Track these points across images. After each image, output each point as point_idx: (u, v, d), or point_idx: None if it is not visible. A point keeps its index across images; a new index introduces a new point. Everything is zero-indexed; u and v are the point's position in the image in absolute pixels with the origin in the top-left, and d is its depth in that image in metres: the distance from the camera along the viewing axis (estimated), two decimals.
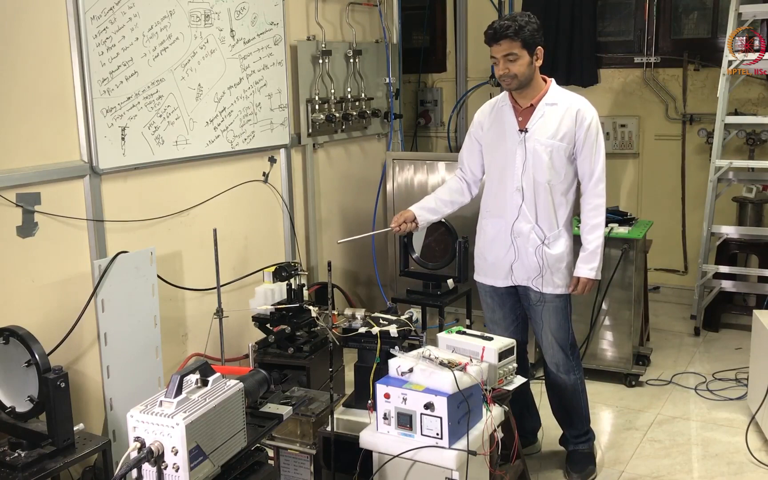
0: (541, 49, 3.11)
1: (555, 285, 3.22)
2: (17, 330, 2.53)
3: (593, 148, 3.13)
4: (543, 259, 3.20)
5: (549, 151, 3.13)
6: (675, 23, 5.72)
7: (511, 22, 3.04)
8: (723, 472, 3.45)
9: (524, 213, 3.19)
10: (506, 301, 3.38)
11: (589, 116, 3.13)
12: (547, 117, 3.14)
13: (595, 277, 3.19)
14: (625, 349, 4.29)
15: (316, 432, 2.92)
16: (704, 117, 5.53)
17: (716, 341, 5.00)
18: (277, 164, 4.41)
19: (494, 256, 3.31)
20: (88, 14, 3.21)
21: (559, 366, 3.34)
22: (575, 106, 3.14)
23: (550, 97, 3.16)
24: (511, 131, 3.20)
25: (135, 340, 3.39)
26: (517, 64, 3.05)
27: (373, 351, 2.90)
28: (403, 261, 3.88)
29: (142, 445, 2.00)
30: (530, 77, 3.11)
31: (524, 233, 3.20)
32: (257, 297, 3.62)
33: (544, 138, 3.13)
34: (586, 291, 3.22)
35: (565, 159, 3.14)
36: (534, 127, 3.14)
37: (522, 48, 3.04)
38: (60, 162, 3.20)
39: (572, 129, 3.12)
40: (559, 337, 3.29)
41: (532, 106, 3.16)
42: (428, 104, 6.53)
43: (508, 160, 3.20)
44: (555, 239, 3.19)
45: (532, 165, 3.15)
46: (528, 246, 3.20)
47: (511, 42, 3.03)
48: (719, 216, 5.22)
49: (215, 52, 3.88)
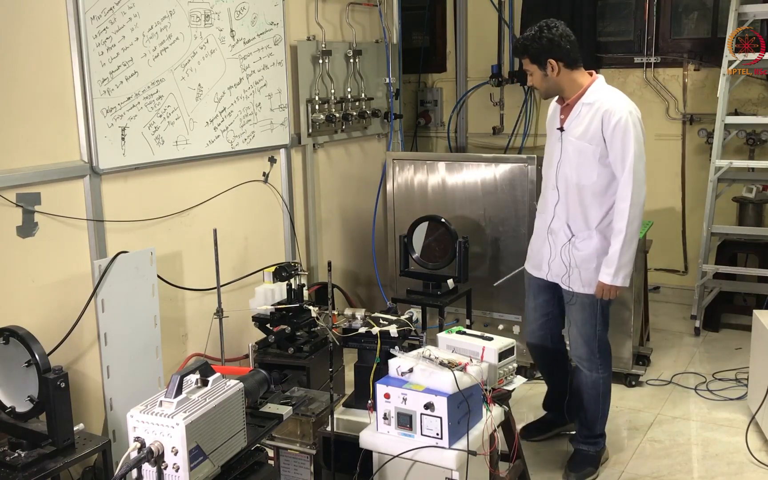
0: (554, 61, 3.12)
1: (582, 283, 3.25)
2: (17, 330, 2.53)
3: (619, 150, 3.06)
4: (570, 256, 3.24)
5: (578, 152, 3.15)
6: (675, 23, 5.72)
7: (519, 42, 3.21)
8: (723, 472, 3.45)
9: (558, 212, 3.28)
10: (541, 293, 3.46)
11: (617, 116, 3.05)
12: (581, 117, 3.15)
13: (611, 282, 3.13)
14: (625, 349, 4.29)
15: (316, 432, 2.92)
16: (704, 117, 5.53)
17: (716, 341, 5.00)
18: (277, 164, 4.41)
19: (535, 248, 3.45)
20: (88, 14, 3.21)
21: (582, 359, 3.35)
22: (605, 105, 3.09)
23: (589, 96, 3.15)
24: (554, 129, 3.29)
25: (135, 340, 3.39)
26: (533, 79, 3.21)
27: (373, 351, 2.90)
28: (403, 261, 3.88)
29: (142, 445, 2.00)
30: (555, 87, 3.19)
31: (555, 231, 3.30)
32: (257, 297, 3.62)
33: (574, 138, 3.17)
34: (604, 295, 3.19)
35: (594, 161, 3.12)
36: (570, 126, 3.19)
37: (531, 63, 3.16)
38: (60, 162, 3.20)
39: (599, 130, 3.08)
40: (584, 332, 3.30)
41: (569, 105, 3.20)
42: (428, 104, 6.53)
43: (550, 158, 3.31)
44: (584, 239, 3.22)
45: (565, 164, 3.21)
46: (557, 244, 3.28)
47: (523, 58, 3.20)
48: (719, 216, 5.22)
49: (215, 52, 3.88)
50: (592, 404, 3.38)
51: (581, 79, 3.18)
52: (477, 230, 4.42)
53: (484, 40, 6.25)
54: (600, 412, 3.41)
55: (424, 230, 3.93)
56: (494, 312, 4.46)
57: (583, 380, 3.37)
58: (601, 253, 3.20)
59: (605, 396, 3.40)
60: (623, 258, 3.12)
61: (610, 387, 3.42)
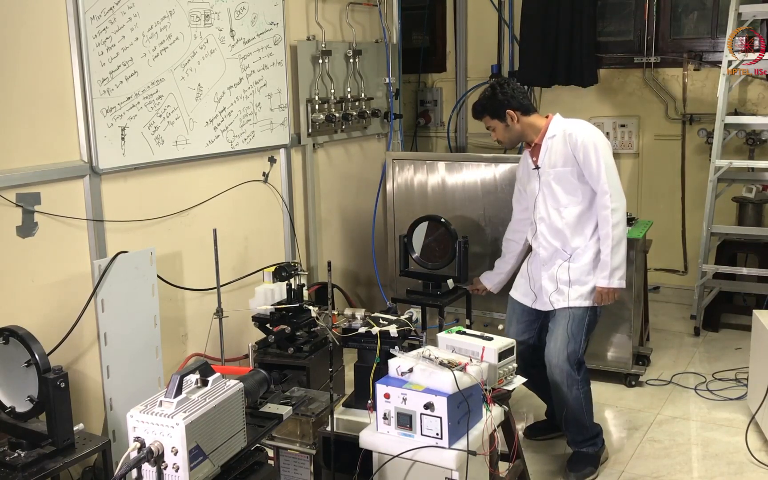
0: (512, 111, 3.37)
1: (581, 296, 3.35)
2: (17, 330, 2.53)
3: (591, 166, 3.27)
4: (568, 275, 3.36)
5: (558, 179, 3.35)
6: (675, 23, 5.72)
7: (477, 104, 3.45)
8: (723, 472, 3.45)
9: (546, 240, 3.41)
10: (523, 318, 3.55)
11: (581, 136, 3.29)
12: (551, 149, 3.36)
13: (608, 284, 3.29)
14: (625, 349, 4.29)
15: (316, 432, 2.91)
16: (704, 117, 5.53)
17: (716, 341, 5.00)
18: (277, 164, 4.41)
19: (523, 276, 3.58)
20: (88, 14, 3.21)
21: (563, 379, 3.33)
22: (568, 130, 3.33)
23: (551, 130, 3.38)
24: (529, 170, 3.48)
25: (135, 340, 3.39)
26: (496, 133, 3.46)
27: (373, 351, 2.90)
28: (403, 261, 3.88)
29: (142, 445, 2.00)
30: (517, 135, 3.43)
31: (547, 259, 3.42)
32: (257, 297, 3.62)
33: (552, 169, 3.36)
34: (604, 300, 3.34)
35: (576, 181, 3.33)
36: (543, 161, 3.39)
37: (492, 119, 3.42)
38: (60, 162, 3.20)
39: (570, 153, 3.31)
40: (569, 347, 3.32)
41: (537, 145, 3.41)
42: (428, 104, 6.53)
43: (531, 196, 3.49)
44: (576, 255, 3.36)
45: (547, 195, 3.39)
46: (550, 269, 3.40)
47: (483, 118, 3.45)
48: (719, 216, 5.22)
49: (215, 52, 3.88)
50: (578, 415, 3.40)
51: (539, 122, 3.42)
52: (477, 230, 4.42)
53: (484, 40, 6.24)
54: (587, 417, 3.43)
55: (424, 230, 3.92)
56: (494, 312, 4.46)
57: (562, 396, 3.38)
58: (591, 265, 3.35)
59: (587, 402, 3.42)
60: (615, 260, 3.29)
61: (589, 392, 3.44)
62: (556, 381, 3.36)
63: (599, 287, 3.31)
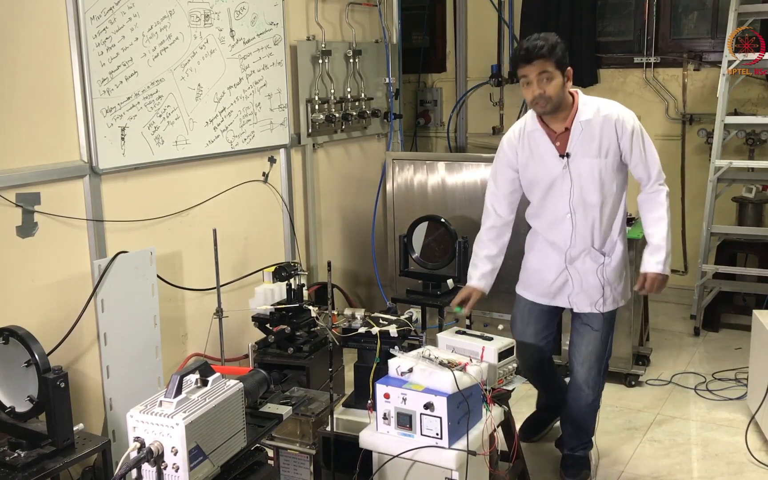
0: (571, 69, 2.99)
1: (614, 301, 3.17)
2: (17, 330, 2.53)
3: (643, 153, 3.02)
4: (603, 277, 3.12)
5: (598, 171, 3.02)
6: (675, 23, 5.72)
7: (544, 42, 2.91)
8: (723, 472, 3.45)
9: (578, 239, 3.11)
10: (542, 318, 3.31)
11: (630, 122, 3.01)
12: (586, 135, 3.00)
13: (663, 270, 3.04)
14: (625, 349, 4.29)
15: (316, 432, 2.92)
16: (704, 117, 5.53)
17: (716, 341, 5.00)
18: (277, 164, 4.41)
19: (542, 276, 3.23)
20: (88, 14, 3.21)
21: (588, 383, 3.24)
22: (612, 115, 3.01)
23: (583, 113, 3.02)
24: (550, 157, 3.06)
25: (135, 340, 3.39)
26: (551, 85, 2.92)
27: (373, 351, 2.90)
28: (403, 261, 3.88)
29: (142, 445, 2.00)
30: (562, 98, 2.98)
31: (580, 258, 3.13)
32: (257, 297, 3.62)
33: (589, 158, 3.01)
34: (655, 288, 3.07)
35: (614, 173, 3.05)
36: (575, 149, 3.01)
37: (556, 68, 2.92)
38: (60, 162, 3.20)
39: (615, 141, 3.00)
40: (599, 351, 3.21)
41: (567, 129, 3.03)
42: (428, 104, 6.52)
43: (555, 189, 3.08)
44: (611, 252, 3.13)
45: (581, 189, 3.04)
46: (586, 270, 3.13)
47: (545, 61, 2.90)
48: (719, 216, 5.22)
49: (215, 52, 3.88)
50: (589, 420, 3.35)
51: (569, 97, 3.04)
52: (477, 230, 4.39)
53: (484, 40, 6.24)
54: (593, 424, 3.38)
55: (423, 230, 3.92)
56: (494, 312, 4.46)
57: (583, 401, 3.29)
58: (626, 259, 3.19)
59: (598, 409, 3.38)
60: (670, 244, 3.04)
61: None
62: (580, 384, 3.24)
63: (652, 273, 3.02)
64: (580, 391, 3.27)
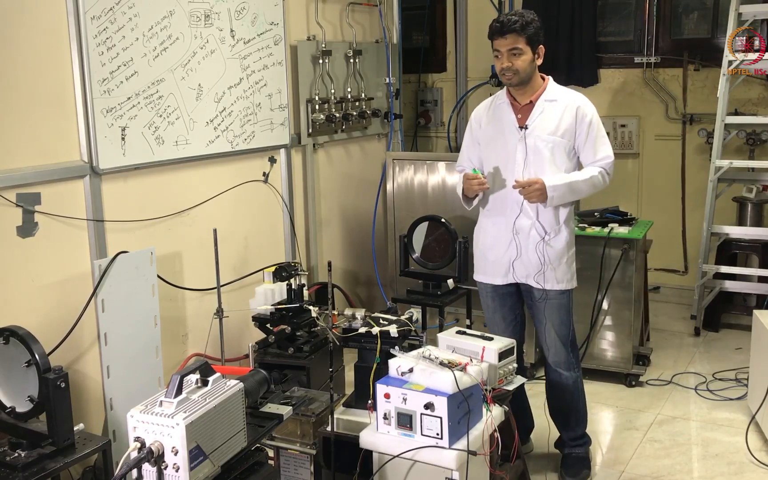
0: (542, 48, 3.16)
1: (557, 280, 3.22)
2: (17, 330, 2.53)
3: (596, 142, 3.16)
4: (544, 255, 3.20)
5: (550, 147, 3.15)
6: (675, 23, 5.72)
7: (519, 18, 3.11)
8: (723, 472, 3.45)
9: (525, 209, 3.19)
10: (506, 301, 3.37)
11: (590, 113, 3.17)
12: (547, 113, 3.16)
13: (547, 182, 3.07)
14: (625, 349, 4.29)
15: (316, 432, 2.92)
16: (704, 117, 5.53)
17: (716, 341, 5.00)
18: (277, 164, 4.41)
19: (495, 254, 3.30)
20: (88, 14, 3.21)
21: (560, 363, 3.33)
22: (575, 102, 3.18)
23: (549, 93, 3.19)
24: (510, 128, 3.21)
25: (135, 340, 3.39)
26: (520, 60, 3.10)
27: (373, 351, 2.90)
28: (403, 261, 3.88)
29: (142, 445, 2.00)
30: (531, 74, 3.15)
31: (525, 229, 3.21)
32: (257, 297, 3.62)
33: (545, 134, 3.15)
34: (529, 192, 3.08)
35: (565, 155, 3.17)
36: (534, 123, 3.16)
37: (526, 44, 3.09)
38: (60, 162, 3.20)
39: (572, 125, 3.15)
40: (562, 334, 3.29)
41: (531, 102, 3.19)
42: (428, 104, 6.53)
43: (508, 158, 3.21)
44: (555, 234, 3.20)
45: (533, 161, 3.15)
46: (529, 242, 3.20)
47: (517, 36, 3.08)
48: (719, 216, 5.22)
49: (215, 52, 3.88)
50: (577, 403, 3.39)
51: (539, 79, 3.21)
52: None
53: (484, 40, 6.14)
54: (583, 411, 3.43)
55: (424, 230, 3.92)
56: None
57: (564, 384, 3.35)
58: (568, 247, 3.24)
59: (582, 392, 3.42)
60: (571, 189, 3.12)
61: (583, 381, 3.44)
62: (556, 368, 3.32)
63: (538, 180, 3.07)
64: (556, 373, 3.36)
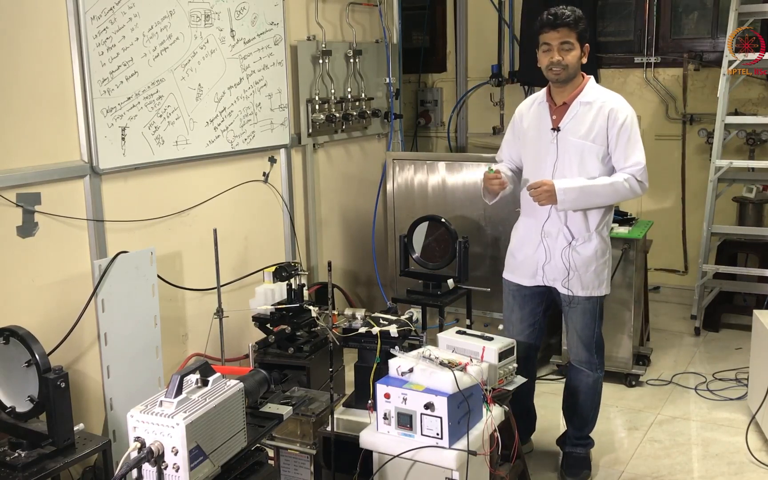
0: (588, 46, 3.11)
1: (582, 287, 3.17)
2: (17, 330, 2.53)
3: (626, 147, 3.06)
4: (570, 261, 3.15)
5: (580, 152, 3.08)
6: (675, 23, 5.72)
7: (571, 12, 3.04)
8: (723, 472, 3.45)
9: (553, 213, 3.15)
10: (527, 303, 3.33)
11: (623, 116, 3.06)
12: (580, 116, 3.09)
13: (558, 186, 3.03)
14: (625, 349, 4.29)
15: (316, 432, 2.91)
16: (704, 117, 5.53)
17: (716, 341, 5.00)
18: (277, 164, 4.41)
19: (524, 254, 3.28)
20: (88, 14, 3.21)
21: (581, 362, 3.32)
22: (609, 104, 3.09)
23: (585, 95, 3.12)
24: (545, 129, 3.16)
25: (135, 340, 3.39)
26: (570, 55, 3.04)
27: (373, 351, 2.90)
28: (403, 261, 3.88)
29: (143, 445, 2.00)
30: (577, 72, 3.10)
31: (553, 234, 3.17)
32: (257, 297, 3.62)
33: (576, 138, 3.09)
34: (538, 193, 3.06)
35: (597, 161, 3.09)
36: (566, 126, 3.11)
37: (577, 40, 3.04)
38: (60, 162, 3.20)
39: (604, 129, 3.06)
40: (584, 336, 3.27)
41: (566, 104, 3.13)
42: (428, 104, 6.53)
43: (540, 159, 3.17)
44: (584, 241, 3.15)
45: (562, 165, 3.10)
46: (556, 247, 3.17)
47: (569, 30, 3.03)
48: (719, 216, 5.22)
49: (215, 52, 3.88)
50: (590, 404, 3.38)
51: (580, 76, 3.16)
52: (477, 230, 4.42)
53: (484, 40, 6.25)
54: (595, 412, 3.42)
55: (424, 230, 3.92)
56: (494, 312, 4.46)
57: (583, 381, 3.35)
58: (599, 255, 3.18)
59: (599, 394, 3.41)
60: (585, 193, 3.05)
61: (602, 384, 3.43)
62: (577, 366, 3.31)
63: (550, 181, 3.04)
64: (576, 370, 3.35)
